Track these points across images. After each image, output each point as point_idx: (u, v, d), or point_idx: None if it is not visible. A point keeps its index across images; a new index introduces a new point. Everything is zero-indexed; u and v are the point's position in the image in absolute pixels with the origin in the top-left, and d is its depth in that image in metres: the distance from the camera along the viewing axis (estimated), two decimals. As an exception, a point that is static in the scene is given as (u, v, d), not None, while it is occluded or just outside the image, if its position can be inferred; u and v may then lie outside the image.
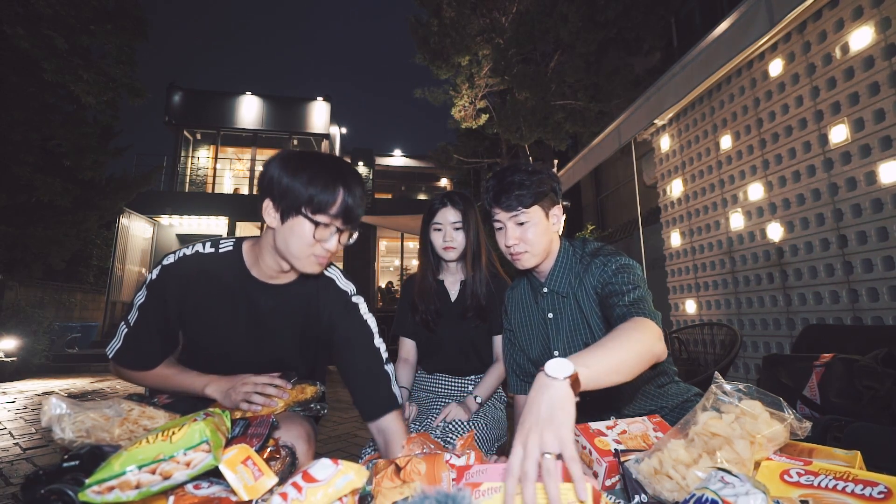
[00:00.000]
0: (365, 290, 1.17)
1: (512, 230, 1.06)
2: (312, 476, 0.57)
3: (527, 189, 1.03)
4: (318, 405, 1.03)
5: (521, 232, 1.06)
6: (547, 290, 1.15)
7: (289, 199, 0.87)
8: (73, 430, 0.67)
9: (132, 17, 6.36)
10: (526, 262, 1.09)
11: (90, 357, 7.35)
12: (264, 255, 0.97)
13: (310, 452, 1.00)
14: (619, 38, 6.29)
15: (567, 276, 1.13)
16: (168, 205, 10.85)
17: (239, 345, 1.03)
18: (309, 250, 0.90)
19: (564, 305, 1.13)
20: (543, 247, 1.08)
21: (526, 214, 1.05)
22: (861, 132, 2.10)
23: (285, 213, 0.89)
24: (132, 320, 0.99)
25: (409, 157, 18.37)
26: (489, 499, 0.57)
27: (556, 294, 1.14)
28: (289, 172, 0.88)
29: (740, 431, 0.61)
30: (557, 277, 1.14)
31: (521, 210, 1.04)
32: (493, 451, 1.32)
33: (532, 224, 1.05)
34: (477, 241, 1.46)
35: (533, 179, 1.04)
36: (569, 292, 1.12)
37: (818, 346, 1.75)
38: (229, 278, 1.00)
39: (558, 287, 1.13)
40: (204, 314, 1.00)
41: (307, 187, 0.87)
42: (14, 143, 6.14)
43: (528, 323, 1.21)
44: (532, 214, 1.05)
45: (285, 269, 0.99)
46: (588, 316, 1.09)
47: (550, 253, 1.13)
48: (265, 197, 0.90)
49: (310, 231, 0.88)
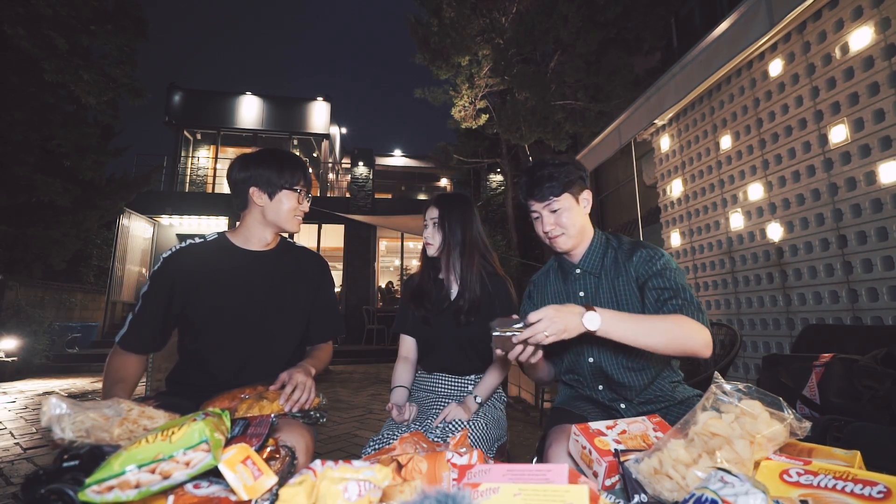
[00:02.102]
0: (365, 290, 1.24)
1: (547, 217, 1.17)
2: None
3: (556, 180, 1.14)
4: (318, 413, 1.06)
5: (555, 218, 1.17)
6: (580, 270, 1.23)
7: (271, 183, 1.23)
8: (72, 430, 0.67)
9: (132, 17, 6.36)
10: (563, 244, 1.19)
11: (90, 357, 7.34)
12: (252, 231, 1.27)
13: (309, 453, 1.01)
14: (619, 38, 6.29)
15: (600, 259, 1.21)
16: (168, 205, 10.85)
17: (241, 304, 1.22)
18: (293, 212, 1.27)
19: (596, 286, 1.20)
20: (578, 228, 1.18)
21: (558, 202, 1.16)
22: (861, 132, 2.10)
23: (272, 191, 1.23)
24: (137, 309, 1.17)
25: (409, 157, 18.38)
26: (489, 499, 0.57)
27: (588, 274, 1.22)
28: (264, 167, 1.23)
29: (740, 431, 0.61)
30: (591, 259, 1.22)
31: (552, 199, 1.15)
32: (492, 450, 1.32)
33: (565, 210, 1.16)
34: (463, 240, 1.46)
35: (561, 170, 1.15)
36: (601, 273, 1.20)
37: (818, 346, 1.75)
38: (223, 255, 1.25)
39: (591, 267, 1.21)
40: (208, 284, 1.20)
41: (282, 172, 1.24)
42: (14, 143, 6.13)
43: (554, 301, 1.25)
44: (563, 201, 1.16)
45: (270, 239, 1.30)
46: (621, 297, 1.16)
47: (584, 236, 1.22)
48: (249, 186, 1.23)
49: (294, 198, 1.26)
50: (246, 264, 1.26)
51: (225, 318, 1.20)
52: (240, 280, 1.24)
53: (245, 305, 1.23)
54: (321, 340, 1.38)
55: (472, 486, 0.59)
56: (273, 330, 1.25)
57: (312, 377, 1.15)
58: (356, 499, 0.56)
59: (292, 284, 1.31)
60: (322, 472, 0.59)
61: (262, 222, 1.26)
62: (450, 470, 0.70)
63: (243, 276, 1.24)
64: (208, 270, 1.21)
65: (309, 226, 10.99)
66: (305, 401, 1.04)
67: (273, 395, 1.01)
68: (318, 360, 1.30)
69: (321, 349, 1.36)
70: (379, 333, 9.92)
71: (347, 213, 10.41)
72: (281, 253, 1.33)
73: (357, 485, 0.57)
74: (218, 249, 1.26)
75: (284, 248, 1.36)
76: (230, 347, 1.20)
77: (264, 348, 1.24)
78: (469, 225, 1.48)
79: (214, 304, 1.20)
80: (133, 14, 6.36)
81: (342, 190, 14.23)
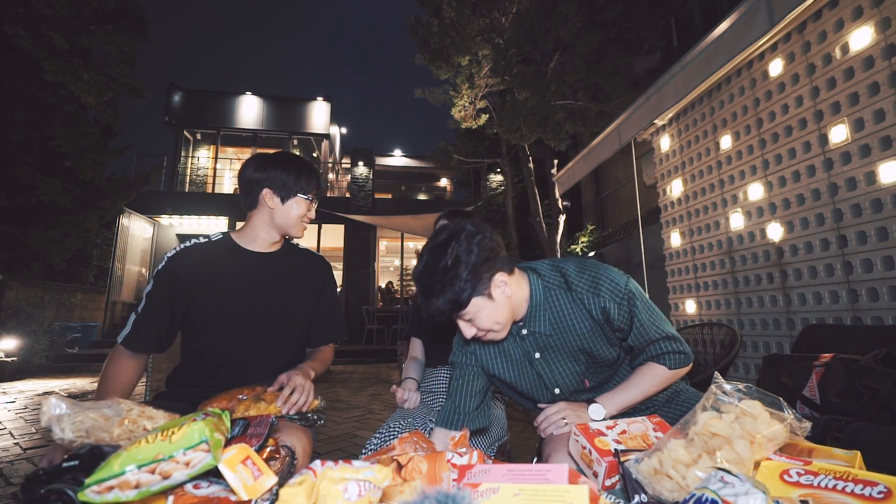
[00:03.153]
0: (365, 290, 1.24)
1: (467, 328, 0.98)
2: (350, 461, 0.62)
3: (444, 295, 0.91)
4: (316, 415, 1.05)
5: (477, 323, 0.97)
6: (526, 331, 1.06)
7: (286, 187, 1.24)
8: (72, 430, 0.67)
9: (132, 17, 6.37)
10: (498, 336, 1.01)
11: (90, 357, 7.34)
12: (258, 232, 1.27)
13: (307, 454, 1.01)
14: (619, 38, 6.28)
15: (546, 314, 1.04)
16: (168, 205, 10.84)
17: (244, 305, 1.22)
18: (301, 219, 1.28)
19: (550, 343, 1.05)
20: (506, 318, 0.99)
21: (467, 312, 0.94)
22: (861, 132, 2.10)
23: (285, 197, 1.24)
24: (140, 308, 1.15)
25: (409, 157, 18.37)
26: (489, 499, 0.57)
27: (538, 334, 1.05)
28: (281, 170, 1.24)
29: (740, 431, 0.61)
30: (536, 318, 1.04)
31: (460, 316, 0.96)
32: (492, 450, 1.32)
33: (479, 313, 0.95)
34: None
35: (447, 279, 0.91)
36: (552, 331, 1.04)
37: (818, 346, 1.75)
38: (227, 256, 1.25)
39: (539, 328, 1.04)
40: (213, 284, 1.20)
41: (298, 179, 1.25)
42: (14, 143, 6.13)
43: (511, 363, 1.10)
44: (471, 308, 0.94)
45: (275, 241, 1.30)
46: (584, 342, 1.03)
47: (519, 304, 1.03)
48: (263, 188, 1.23)
49: (304, 205, 1.27)
50: (250, 266, 1.26)
51: (227, 319, 1.20)
52: (243, 281, 1.23)
53: (248, 307, 1.22)
54: (322, 343, 1.38)
55: (472, 486, 0.59)
56: (275, 332, 1.25)
57: (311, 379, 1.14)
58: (356, 499, 0.56)
59: (295, 287, 1.31)
60: (322, 472, 0.59)
61: (270, 224, 1.26)
62: (450, 470, 0.70)
63: (247, 278, 1.24)
64: (212, 271, 1.21)
65: (309, 226, 10.88)
66: (303, 403, 1.04)
67: (271, 397, 1.01)
68: (319, 362, 1.29)
69: (322, 351, 1.36)
70: (379, 333, 9.92)
71: (347, 213, 10.41)
72: (285, 255, 1.33)
73: (357, 485, 0.57)
74: (222, 250, 1.26)
75: (288, 250, 1.36)
76: (231, 349, 1.20)
77: (266, 350, 1.23)
78: None
79: (217, 304, 1.19)
80: (133, 14, 6.37)
81: (342, 190, 14.23)
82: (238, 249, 1.26)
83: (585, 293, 1.01)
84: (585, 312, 1.02)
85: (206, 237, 1.28)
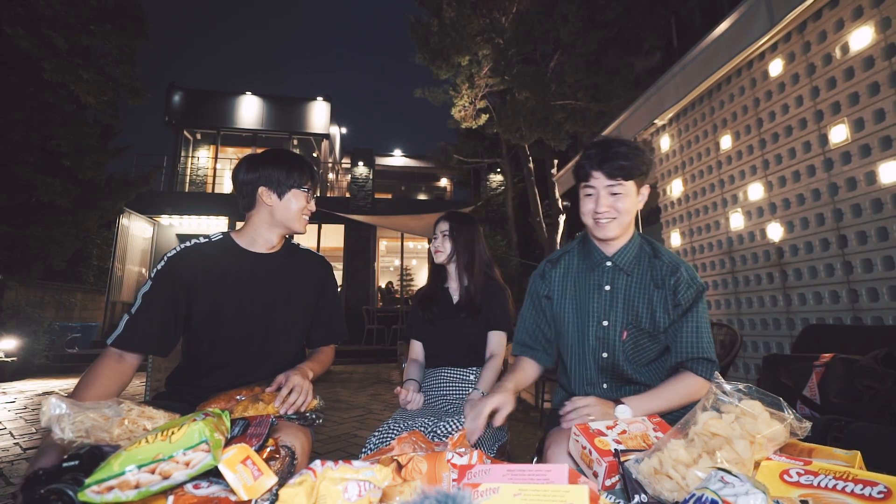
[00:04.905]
0: (365, 290, 1.24)
1: (605, 198, 1.12)
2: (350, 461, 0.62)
3: (630, 162, 1.09)
4: (314, 415, 1.05)
5: (612, 200, 1.11)
6: (610, 263, 1.19)
7: (281, 183, 1.23)
8: (72, 431, 0.67)
9: (132, 17, 6.36)
10: (611, 230, 1.14)
11: (90, 357, 7.33)
12: (259, 232, 1.27)
13: (305, 454, 1.01)
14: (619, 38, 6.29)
15: (634, 258, 1.18)
16: (168, 205, 10.84)
17: (244, 306, 1.21)
18: (301, 212, 1.28)
19: (622, 282, 1.17)
20: (629, 219, 1.14)
21: (622, 186, 1.10)
22: (861, 132, 2.10)
23: (281, 191, 1.24)
24: (134, 309, 1.12)
25: (409, 157, 18.35)
26: (489, 499, 0.57)
27: (618, 269, 1.18)
28: (273, 167, 1.24)
29: (740, 431, 0.61)
30: (626, 255, 1.18)
31: (619, 181, 1.10)
32: (492, 450, 1.32)
33: (625, 196, 1.11)
34: (469, 252, 1.65)
35: (636, 154, 1.10)
36: (632, 270, 1.17)
37: (818, 346, 1.75)
38: (227, 256, 1.24)
39: (623, 263, 1.17)
40: (213, 285, 1.19)
41: (291, 173, 1.25)
42: (14, 143, 6.13)
43: (576, 292, 1.22)
44: (628, 187, 1.11)
45: (276, 240, 1.29)
46: (656, 308, 1.13)
47: (627, 230, 1.18)
48: (258, 187, 1.23)
49: (302, 197, 1.26)
50: (250, 266, 1.25)
51: (227, 320, 1.19)
52: (243, 282, 1.22)
53: (248, 307, 1.22)
54: (322, 344, 1.38)
55: (472, 486, 0.59)
56: (275, 333, 1.24)
57: (310, 380, 1.14)
58: (356, 499, 0.56)
59: (295, 287, 1.30)
60: (322, 472, 0.59)
61: (270, 223, 1.26)
62: (450, 470, 0.70)
63: (247, 279, 1.23)
64: (212, 271, 1.20)
65: (309, 226, 10.72)
66: (301, 403, 1.03)
67: (269, 398, 1.01)
68: (319, 362, 1.29)
69: (323, 352, 1.36)
70: (379, 333, 9.92)
71: (347, 213, 10.41)
72: (285, 255, 1.33)
73: (357, 485, 0.57)
74: (222, 250, 1.25)
75: (289, 251, 1.35)
76: (231, 349, 1.19)
77: (266, 350, 1.23)
78: (473, 239, 1.67)
79: (217, 305, 1.19)
80: (133, 14, 6.36)
81: (342, 190, 14.23)
82: (238, 250, 1.26)
83: (667, 263, 1.15)
84: (660, 278, 1.14)
85: (206, 237, 1.27)
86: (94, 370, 1.03)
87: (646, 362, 1.16)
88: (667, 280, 1.13)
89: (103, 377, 1.03)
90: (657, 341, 1.14)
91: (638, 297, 1.15)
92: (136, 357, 1.10)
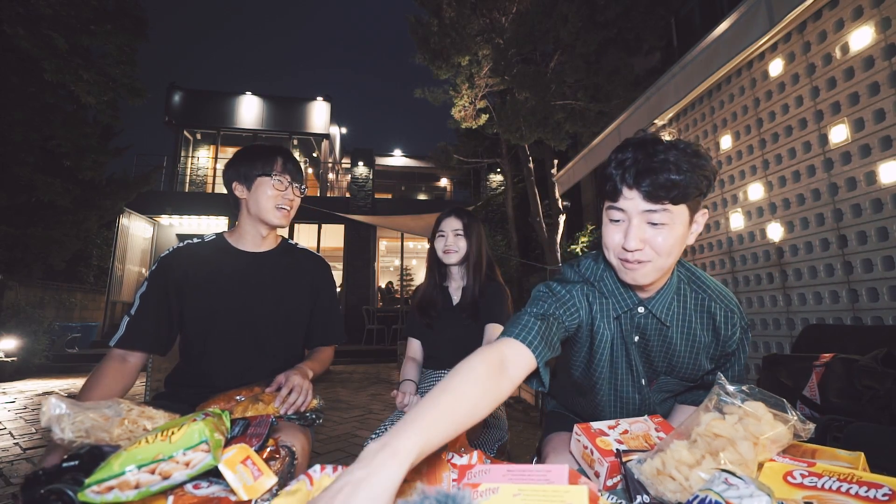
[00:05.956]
0: (365, 290, 1.24)
1: (639, 229, 0.77)
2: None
3: (683, 176, 0.73)
4: (314, 415, 1.05)
5: (651, 234, 0.77)
6: (644, 309, 0.89)
7: (248, 174, 1.23)
8: (72, 431, 0.67)
9: (132, 17, 6.36)
10: (641, 277, 0.81)
11: (90, 357, 7.33)
12: (245, 228, 1.27)
13: (305, 454, 1.01)
14: (619, 38, 6.29)
15: (672, 303, 0.89)
16: (168, 205, 10.84)
17: (236, 305, 1.21)
18: (273, 202, 1.22)
19: (657, 332, 0.90)
20: (672, 261, 0.80)
21: (668, 214, 0.75)
22: (861, 132, 2.10)
23: (249, 182, 1.23)
24: (133, 310, 1.14)
25: (409, 157, 18.36)
26: (488, 499, 0.57)
27: (654, 318, 0.89)
28: (242, 160, 1.24)
29: (743, 433, 0.60)
30: (664, 301, 0.88)
31: (664, 205, 0.74)
32: (492, 450, 1.32)
33: (670, 228, 0.76)
34: (478, 252, 1.59)
35: (694, 164, 0.75)
36: (672, 322, 0.88)
37: (818, 346, 1.75)
38: (219, 255, 1.25)
39: (662, 313, 0.88)
40: (203, 285, 1.19)
41: (254, 162, 1.23)
42: (14, 143, 6.13)
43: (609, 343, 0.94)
44: (675, 215, 0.76)
45: (263, 235, 1.28)
46: (684, 351, 0.89)
47: (668, 273, 0.86)
48: (232, 181, 1.25)
49: (270, 184, 1.22)
50: (243, 265, 1.25)
51: (219, 320, 1.19)
52: (235, 281, 1.22)
53: (240, 307, 1.21)
54: (320, 345, 1.37)
55: (472, 486, 0.59)
56: (270, 332, 1.24)
57: (310, 380, 1.14)
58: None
59: (290, 287, 1.29)
60: (319, 479, 0.58)
61: (249, 217, 1.26)
62: (450, 470, 0.70)
63: (239, 278, 1.23)
64: (203, 271, 1.20)
65: (309, 226, 10.99)
66: (301, 403, 1.03)
67: (268, 398, 1.01)
68: (318, 362, 1.28)
69: (321, 352, 1.35)
70: (379, 333, 9.91)
71: (347, 213, 10.41)
72: (280, 254, 1.32)
73: None
74: (215, 250, 1.25)
75: (285, 250, 1.34)
76: (226, 349, 1.19)
77: (261, 350, 1.22)
78: (482, 238, 1.62)
79: (209, 305, 1.19)
80: (133, 14, 6.36)
81: (342, 190, 14.23)
82: (230, 249, 1.26)
83: (723, 309, 0.88)
84: (709, 318, 0.88)
85: (201, 238, 1.29)
86: (98, 372, 1.06)
87: (670, 396, 1.02)
88: (721, 331, 0.88)
89: (108, 377, 1.05)
90: (687, 384, 0.97)
91: (677, 350, 0.90)
92: (139, 357, 1.14)
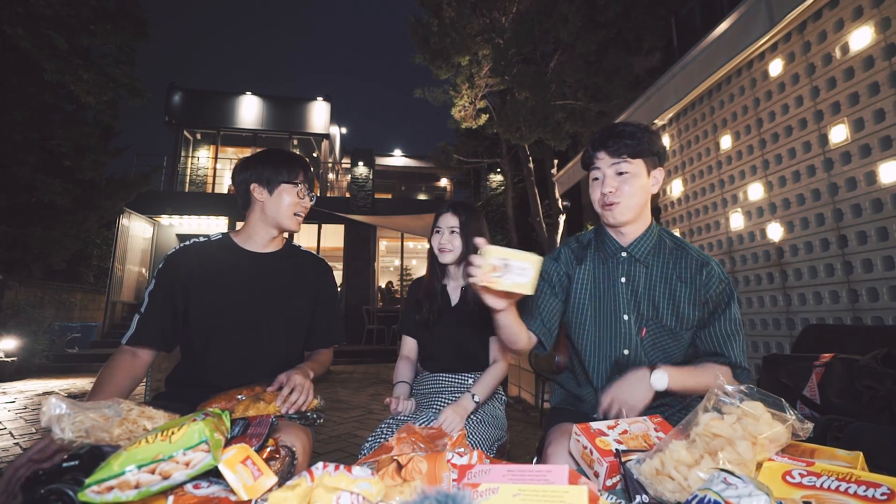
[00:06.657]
0: (365, 290, 1.24)
1: (610, 179, 1.04)
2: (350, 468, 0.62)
3: (637, 140, 1.02)
4: (315, 415, 1.05)
5: (618, 182, 1.04)
6: (626, 254, 1.11)
7: (270, 179, 1.25)
8: (72, 431, 0.67)
9: (132, 17, 6.35)
10: (617, 215, 1.05)
11: (90, 357, 7.34)
12: (255, 229, 1.28)
13: (306, 454, 1.01)
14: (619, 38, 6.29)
15: (651, 248, 1.10)
16: (168, 205, 10.84)
17: (239, 305, 1.22)
18: (292, 208, 1.27)
19: (640, 273, 1.10)
20: (638, 203, 1.05)
21: (629, 164, 1.03)
22: (861, 132, 2.10)
23: (272, 187, 1.25)
24: (143, 308, 1.16)
25: (409, 157, 18.36)
26: (488, 499, 0.57)
27: (635, 261, 1.10)
28: (266, 165, 1.26)
29: (742, 432, 0.60)
30: (642, 245, 1.10)
31: (624, 158, 1.03)
32: (492, 450, 1.32)
33: (632, 176, 1.03)
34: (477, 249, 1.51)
35: (643, 132, 1.04)
36: (651, 262, 1.09)
37: (818, 346, 1.75)
38: (225, 255, 1.26)
39: (640, 253, 1.09)
40: (209, 284, 1.20)
41: (280, 168, 1.26)
42: (14, 143, 6.12)
43: (594, 283, 1.14)
44: (635, 166, 1.03)
45: (272, 239, 1.30)
46: (679, 302, 1.06)
47: (642, 218, 1.10)
48: (251, 183, 1.25)
49: (293, 192, 1.26)
50: (247, 265, 1.26)
51: (222, 318, 1.20)
52: (239, 281, 1.23)
53: (243, 307, 1.22)
54: (320, 347, 1.38)
55: (471, 486, 0.59)
56: (272, 333, 1.24)
57: (311, 379, 1.14)
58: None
59: (292, 288, 1.30)
60: (319, 477, 0.59)
61: (263, 219, 1.27)
62: (450, 470, 0.70)
63: (243, 277, 1.24)
64: (209, 269, 1.21)
65: (309, 226, 10.99)
66: (302, 403, 1.04)
67: (270, 397, 1.01)
68: (318, 363, 1.29)
69: (321, 353, 1.36)
70: (379, 333, 9.92)
71: (347, 213, 10.41)
72: (284, 256, 1.33)
73: (350, 497, 0.57)
74: (220, 249, 1.26)
75: (288, 252, 1.36)
76: (228, 349, 1.20)
77: (262, 350, 1.23)
78: (482, 235, 1.50)
79: (213, 304, 1.19)
80: (133, 14, 6.36)
81: (342, 190, 14.23)
82: (236, 249, 1.27)
83: (695, 257, 1.07)
84: (687, 274, 1.06)
85: (206, 237, 1.29)
86: (109, 368, 1.09)
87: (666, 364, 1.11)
88: (696, 276, 1.05)
89: (119, 373, 1.09)
90: (679, 340, 1.07)
91: (659, 291, 1.07)
92: (148, 353, 1.16)
